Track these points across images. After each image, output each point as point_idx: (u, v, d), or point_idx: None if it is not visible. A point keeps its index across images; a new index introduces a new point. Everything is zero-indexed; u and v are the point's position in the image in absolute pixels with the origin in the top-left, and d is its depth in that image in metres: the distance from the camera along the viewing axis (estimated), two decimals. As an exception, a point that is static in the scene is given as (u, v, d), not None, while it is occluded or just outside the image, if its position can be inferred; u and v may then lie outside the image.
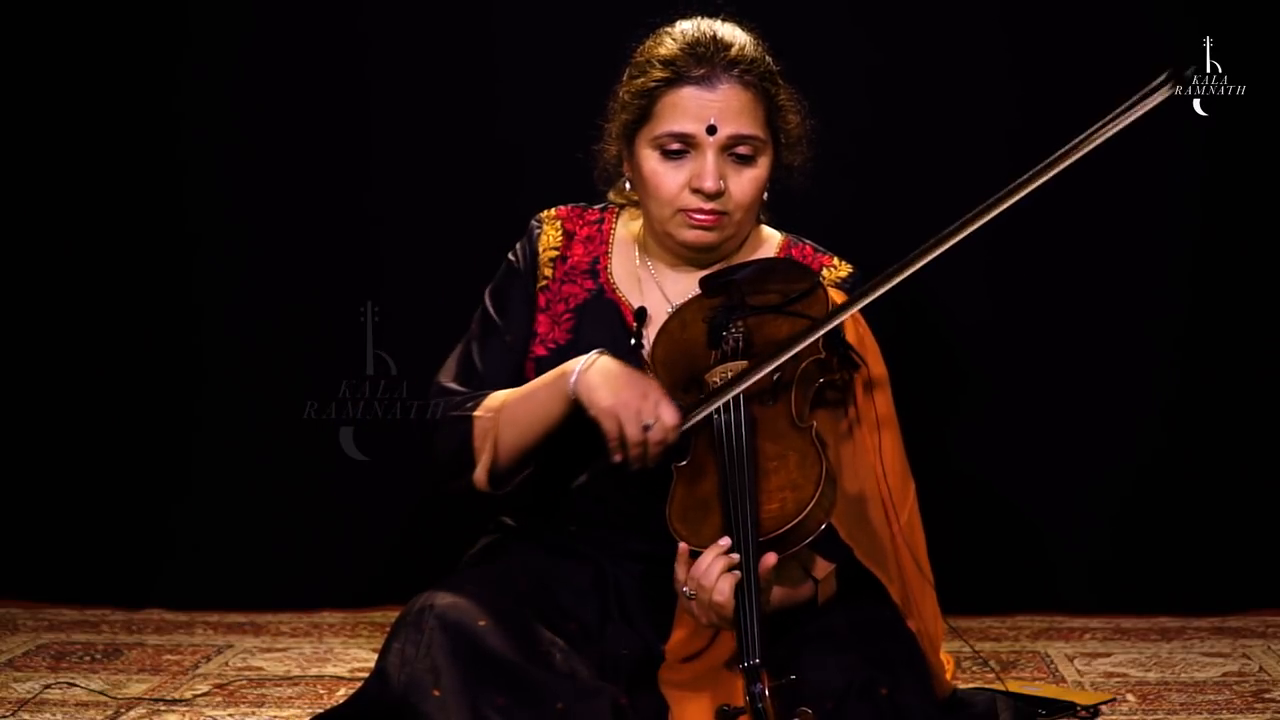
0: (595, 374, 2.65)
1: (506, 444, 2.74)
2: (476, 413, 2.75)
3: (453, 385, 2.83)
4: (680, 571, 2.52)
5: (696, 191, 2.73)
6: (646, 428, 2.59)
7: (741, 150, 2.73)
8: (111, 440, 3.98)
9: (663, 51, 2.76)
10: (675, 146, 2.74)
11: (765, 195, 2.82)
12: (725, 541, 2.48)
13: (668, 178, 2.74)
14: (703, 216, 2.74)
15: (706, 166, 2.72)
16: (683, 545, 2.52)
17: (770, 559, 2.47)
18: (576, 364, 2.67)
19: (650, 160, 2.76)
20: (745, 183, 2.75)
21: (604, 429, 2.62)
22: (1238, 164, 3.80)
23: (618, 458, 2.62)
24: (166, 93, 3.94)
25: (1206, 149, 3.77)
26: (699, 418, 2.59)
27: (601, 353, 2.68)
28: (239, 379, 3.95)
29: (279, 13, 3.90)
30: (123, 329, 3.97)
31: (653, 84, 2.75)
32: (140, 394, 3.98)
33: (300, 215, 3.93)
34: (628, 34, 2.89)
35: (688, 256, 2.82)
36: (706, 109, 2.72)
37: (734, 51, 2.74)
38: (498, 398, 2.76)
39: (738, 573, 2.46)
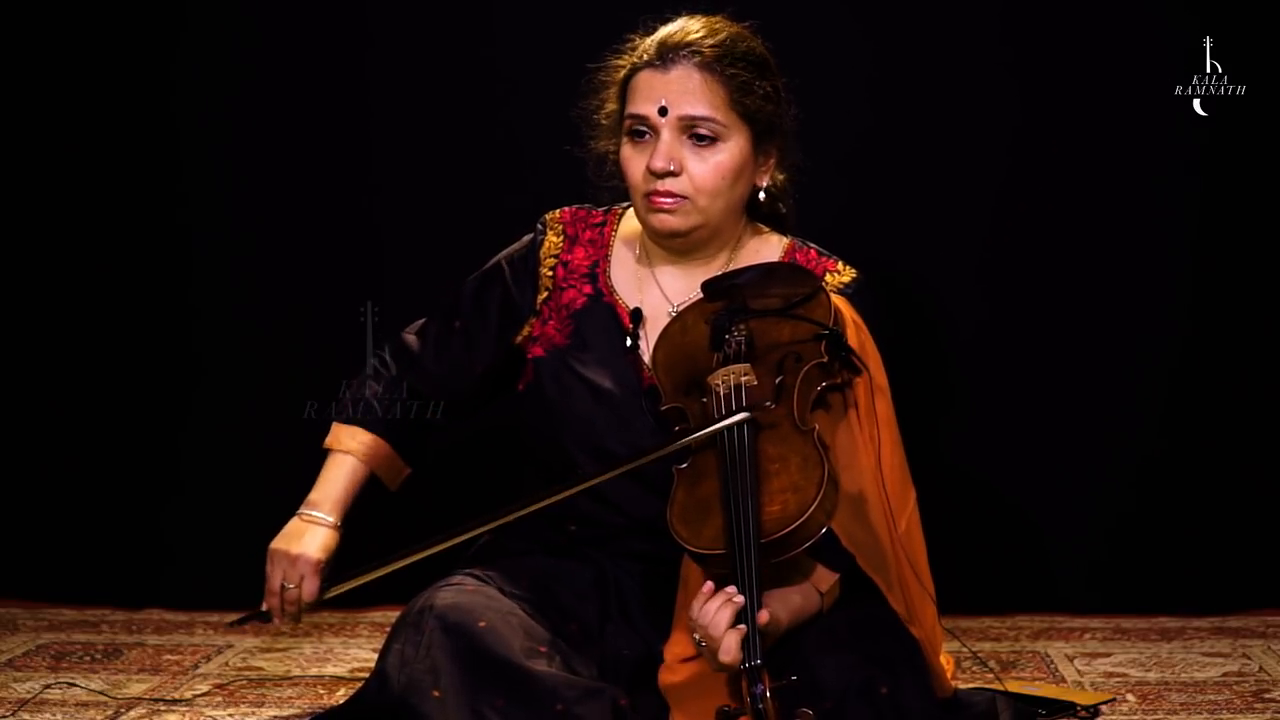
0: (293, 521, 2.90)
1: None
2: (338, 422, 2.96)
3: (411, 342, 2.95)
4: (694, 608, 2.50)
5: (651, 172, 2.74)
6: (284, 587, 2.84)
7: (700, 131, 2.73)
8: (111, 440, 3.98)
9: (640, 44, 2.81)
10: (638, 128, 2.76)
11: (763, 196, 2.82)
12: (731, 589, 2.46)
13: (633, 162, 2.77)
14: (660, 200, 2.75)
15: (658, 147, 2.73)
16: (707, 585, 2.50)
17: (763, 617, 2.46)
18: (310, 501, 2.91)
19: (624, 147, 2.79)
20: (707, 167, 2.74)
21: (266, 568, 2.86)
22: (1238, 164, 3.80)
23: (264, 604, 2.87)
24: (164, 90, 3.93)
25: (1206, 149, 3.77)
26: (342, 590, 2.82)
27: (319, 515, 2.89)
28: (239, 379, 3.95)
29: (278, 10, 3.90)
30: (121, 328, 3.97)
31: (622, 73, 2.81)
32: (140, 394, 3.98)
33: (300, 215, 3.93)
34: (630, 30, 2.90)
35: (672, 248, 2.82)
36: (657, 90, 2.74)
37: (692, 36, 2.76)
38: (352, 437, 2.93)
39: (744, 627, 2.44)
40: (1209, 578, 3.83)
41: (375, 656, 2.69)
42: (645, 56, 2.77)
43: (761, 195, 2.83)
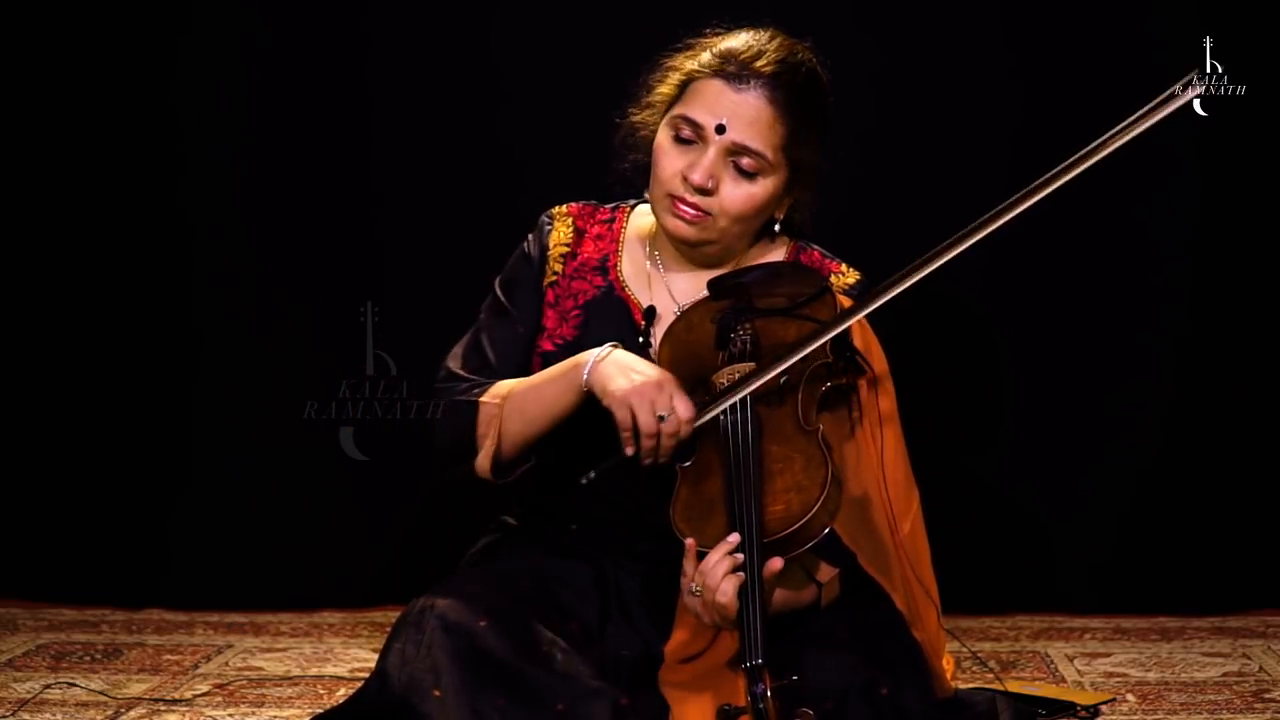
0: (610, 364, 2.64)
1: (511, 434, 2.74)
2: (483, 399, 2.76)
3: (461, 371, 2.84)
4: (688, 568, 2.52)
5: (685, 181, 2.73)
6: (661, 418, 2.58)
7: (744, 163, 2.72)
8: (112, 440, 3.98)
9: (724, 44, 2.77)
10: (686, 133, 2.74)
11: (778, 224, 2.82)
12: (734, 538, 2.48)
13: (670, 158, 2.75)
14: (684, 208, 2.74)
15: (702, 161, 2.72)
16: (690, 541, 2.52)
17: (776, 563, 2.47)
18: (590, 355, 2.68)
19: (664, 137, 2.77)
20: (739, 194, 2.74)
21: (617, 418, 2.60)
22: (1238, 164, 3.80)
23: (630, 450, 2.60)
24: (165, 90, 3.93)
25: (1206, 149, 3.77)
26: (714, 412, 2.58)
27: (615, 345, 2.69)
28: (239, 379, 3.95)
29: (279, 10, 3.90)
30: (122, 328, 3.97)
31: (690, 65, 2.77)
32: (140, 394, 3.98)
33: (300, 215, 3.93)
34: (628, 33, 2.89)
35: (685, 251, 2.82)
36: (723, 107, 2.72)
37: (774, 67, 2.73)
38: (505, 386, 2.77)
39: (742, 574, 2.46)
40: (1209, 578, 3.83)
41: (375, 656, 2.69)
42: (721, 64, 2.73)
43: (776, 228, 2.84)
